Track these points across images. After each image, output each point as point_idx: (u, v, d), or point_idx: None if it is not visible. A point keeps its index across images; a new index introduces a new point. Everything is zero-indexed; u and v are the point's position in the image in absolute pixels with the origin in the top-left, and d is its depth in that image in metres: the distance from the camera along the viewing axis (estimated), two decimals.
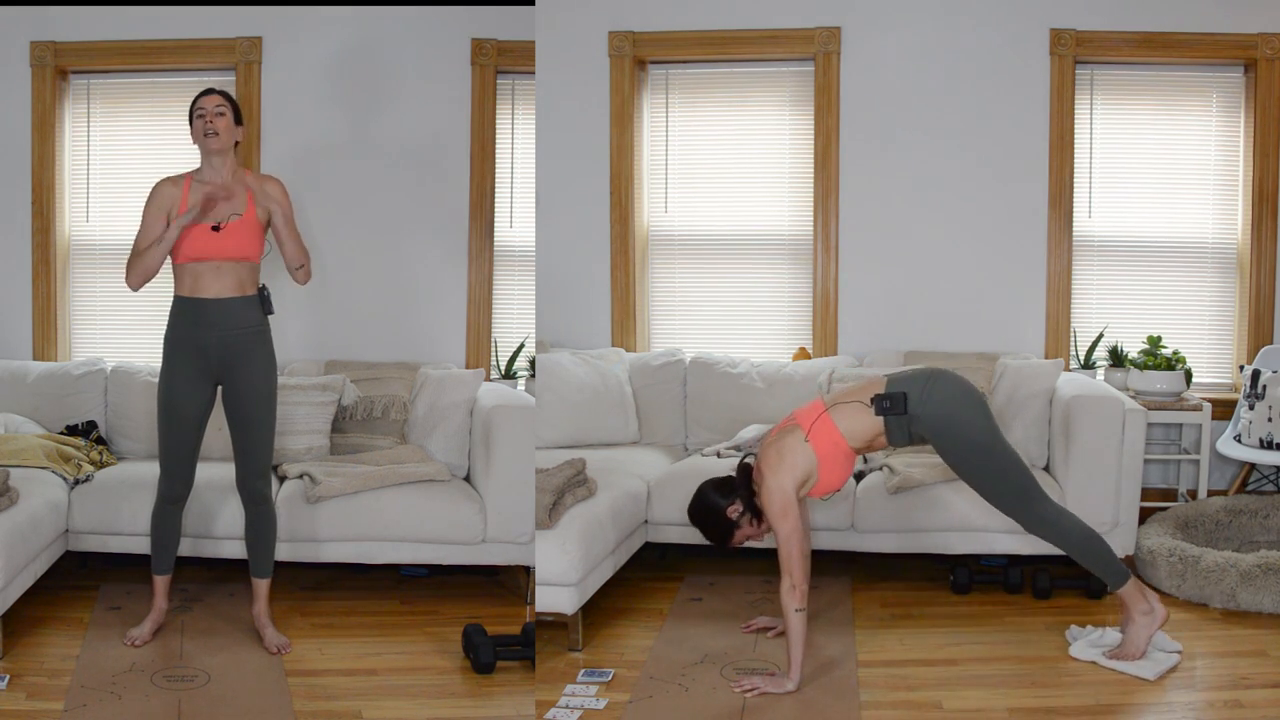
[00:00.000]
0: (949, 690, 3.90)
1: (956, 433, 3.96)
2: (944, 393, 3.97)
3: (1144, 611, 4.07)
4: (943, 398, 3.95)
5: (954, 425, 3.95)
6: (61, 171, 5.85)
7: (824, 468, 3.99)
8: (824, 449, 3.98)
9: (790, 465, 3.95)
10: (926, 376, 4.01)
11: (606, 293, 6.19)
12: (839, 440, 3.99)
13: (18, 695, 3.81)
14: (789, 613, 3.89)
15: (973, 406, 3.99)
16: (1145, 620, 4.06)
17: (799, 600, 3.88)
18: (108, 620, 4.52)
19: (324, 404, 5.26)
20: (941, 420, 3.95)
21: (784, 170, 6.15)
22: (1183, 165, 5.97)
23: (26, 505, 4.41)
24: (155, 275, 4.17)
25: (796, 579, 3.88)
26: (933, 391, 3.96)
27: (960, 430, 3.96)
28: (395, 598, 4.92)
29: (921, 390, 3.96)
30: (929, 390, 3.96)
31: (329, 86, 5.81)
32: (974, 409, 3.99)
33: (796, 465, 3.95)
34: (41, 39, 5.74)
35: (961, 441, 3.97)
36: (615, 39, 6.07)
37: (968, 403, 3.99)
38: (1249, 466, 5.66)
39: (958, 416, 3.95)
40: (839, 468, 4.02)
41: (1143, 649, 4.05)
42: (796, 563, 3.89)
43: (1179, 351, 5.79)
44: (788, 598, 3.88)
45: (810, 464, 3.97)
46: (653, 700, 3.86)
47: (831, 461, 3.99)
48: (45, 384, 5.43)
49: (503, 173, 6.02)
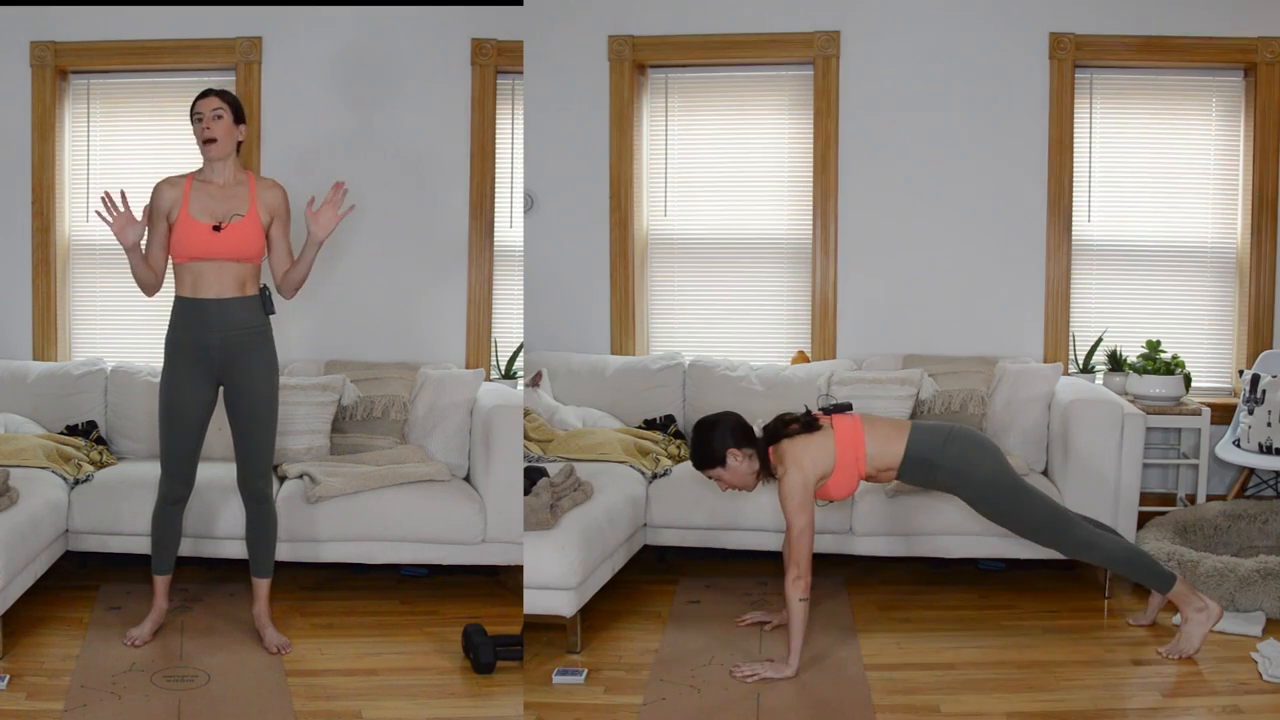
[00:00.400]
0: (947, 694, 3.91)
1: (982, 482, 4.17)
2: (960, 450, 4.16)
3: (1197, 609, 4.17)
4: (959, 453, 4.15)
5: (978, 476, 4.16)
6: (61, 171, 5.85)
7: (836, 476, 4.15)
8: (845, 458, 4.13)
9: (813, 462, 4.10)
10: (945, 435, 4.20)
11: (606, 296, 6.19)
12: (860, 457, 4.15)
13: (18, 695, 3.81)
14: (793, 602, 4.01)
15: (988, 458, 4.19)
16: (1200, 618, 4.17)
17: (803, 590, 4.01)
18: (108, 620, 4.52)
19: (324, 404, 5.27)
20: (961, 476, 4.16)
21: (783, 174, 6.16)
22: (1182, 169, 5.98)
23: (26, 505, 4.41)
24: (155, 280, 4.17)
25: (803, 570, 4.01)
26: (949, 451, 4.15)
27: (985, 480, 4.16)
28: (395, 598, 4.93)
29: (941, 447, 4.16)
30: (946, 449, 4.15)
31: (329, 86, 5.82)
32: (990, 460, 4.19)
33: (818, 463, 4.11)
34: (41, 39, 5.74)
35: (989, 490, 4.17)
36: (615, 43, 6.07)
37: (984, 454, 4.19)
38: (1248, 471, 5.67)
39: (979, 468, 4.16)
40: (849, 481, 4.19)
41: (1197, 646, 4.16)
42: (805, 556, 4.02)
43: (1178, 356, 5.79)
44: (793, 588, 4.01)
45: (828, 466, 4.12)
46: (665, 702, 3.87)
47: (844, 473, 4.16)
48: (45, 384, 5.43)
49: (503, 173, 6.02)
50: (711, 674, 4.08)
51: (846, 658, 4.21)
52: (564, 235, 6.19)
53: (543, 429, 5.38)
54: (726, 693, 3.93)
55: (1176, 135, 5.97)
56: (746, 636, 4.45)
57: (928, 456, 4.15)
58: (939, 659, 4.22)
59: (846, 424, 4.19)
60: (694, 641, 4.39)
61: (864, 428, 4.19)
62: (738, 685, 3.98)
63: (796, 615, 4.02)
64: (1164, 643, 4.26)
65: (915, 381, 5.43)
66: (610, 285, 6.19)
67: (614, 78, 6.10)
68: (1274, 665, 4.00)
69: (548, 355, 5.99)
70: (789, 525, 4.05)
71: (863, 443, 4.15)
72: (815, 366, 5.78)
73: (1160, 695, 3.89)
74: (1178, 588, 4.18)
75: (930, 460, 4.15)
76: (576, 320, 6.22)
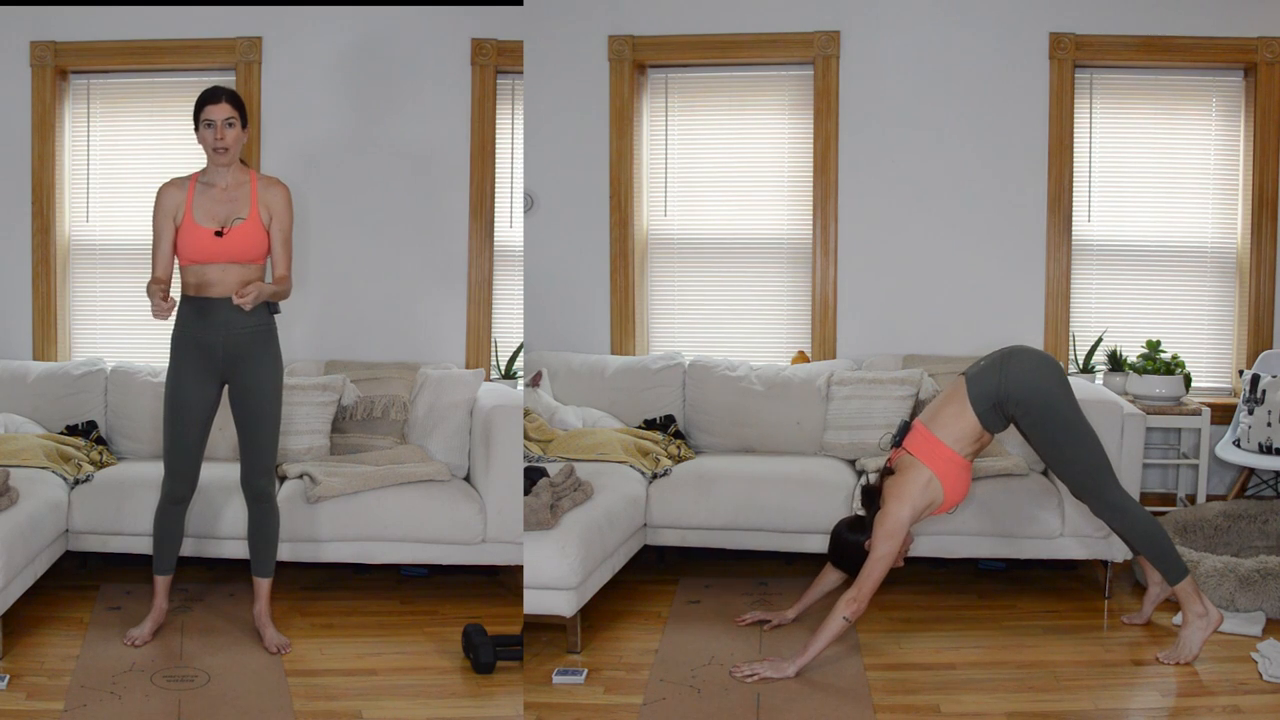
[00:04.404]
0: (947, 694, 3.91)
1: (1042, 403, 4.07)
2: (1021, 366, 4.07)
3: (1199, 614, 4.12)
4: (1020, 371, 4.06)
5: (1038, 396, 4.06)
6: (61, 171, 5.85)
7: (947, 486, 4.09)
8: (941, 468, 4.08)
9: (911, 495, 4.06)
10: (1002, 356, 4.13)
11: (606, 296, 6.20)
12: (951, 456, 4.09)
13: (18, 695, 3.81)
14: (836, 616, 4.03)
15: (1052, 376, 4.10)
16: (1200, 623, 4.12)
17: (852, 613, 4.02)
18: (108, 620, 4.52)
19: (324, 404, 5.27)
20: (1025, 393, 4.06)
21: (783, 174, 6.16)
22: (1182, 169, 5.98)
23: (26, 505, 4.41)
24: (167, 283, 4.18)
25: (863, 594, 4.02)
26: (1009, 368, 4.07)
27: (1045, 400, 4.07)
28: (395, 598, 4.93)
29: (999, 371, 4.07)
30: (1005, 368, 4.07)
31: (329, 86, 5.82)
32: (1053, 379, 4.10)
33: (917, 495, 4.06)
34: (41, 39, 5.74)
35: (1048, 413, 4.08)
36: (615, 43, 6.07)
37: (1047, 372, 4.10)
38: (1248, 471, 5.67)
39: (1040, 387, 4.07)
40: (961, 481, 4.13)
41: (1196, 651, 4.11)
42: (873, 582, 4.03)
43: (1178, 356, 5.80)
44: (845, 605, 4.02)
45: (935, 492, 4.08)
46: (665, 703, 3.87)
47: (953, 479, 4.10)
48: (45, 384, 5.43)
49: (503, 173, 6.02)
50: (711, 674, 4.08)
51: (846, 658, 4.21)
52: (564, 235, 6.19)
53: (543, 429, 5.38)
54: (726, 693, 3.93)
55: (1176, 135, 5.97)
56: (746, 636, 4.45)
57: (994, 399, 4.05)
58: (939, 659, 4.22)
59: (916, 439, 4.11)
60: (694, 641, 4.39)
61: (931, 430, 4.10)
62: (738, 685, 3.98)
63: (831, 628, 4.01)
64: (1162, 645, 4.25)
65: (915, 381, 5.44)
66: (610, 285, 6.19)
67: (614, 77, 6.10)
68: (1274, 665, 4.00)
69: (548, 355, 5.99)
70: (873, 548, 4.04)
71: (940, 443, 4.07)
72: (815, 366, 5.78)
73: (1160, 695, 3.89)
74: (1186, 583, 4.11)
75: (997, 400, 4.04)
76: (576, 320, 6.23)
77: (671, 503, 4.99)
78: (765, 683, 3.98)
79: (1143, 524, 4.15)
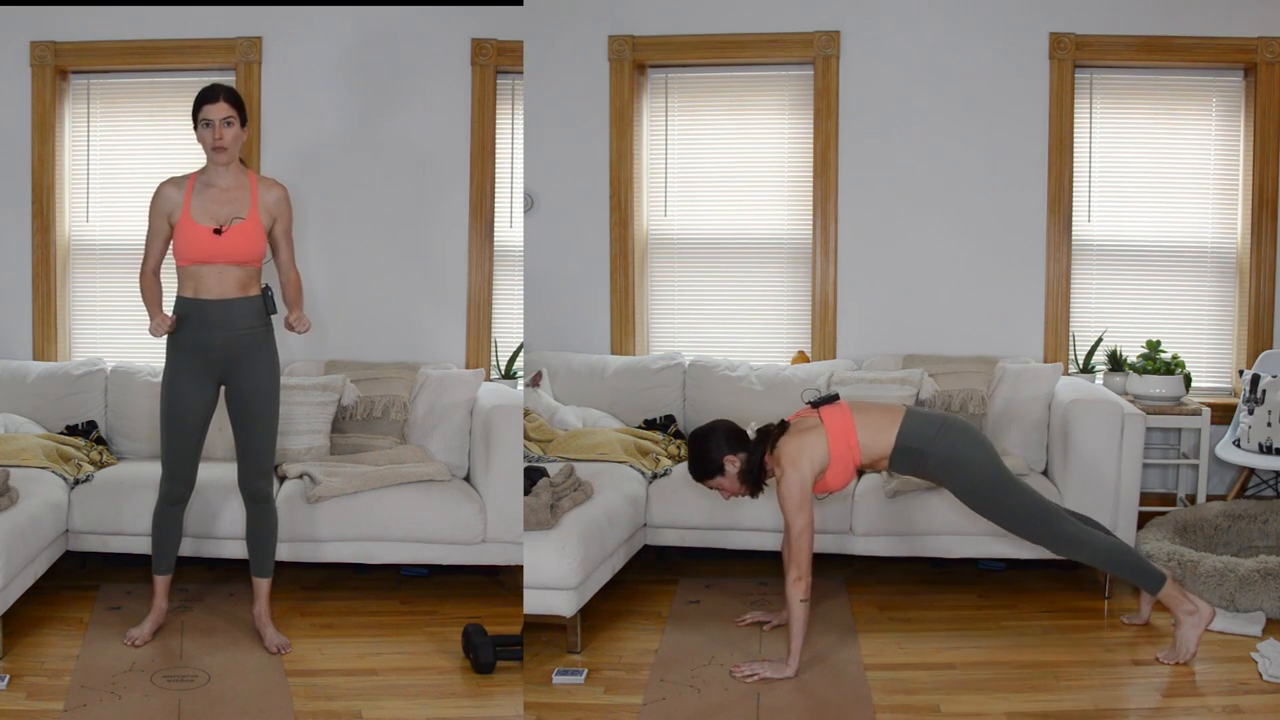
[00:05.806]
0: (947, 694, 3.91)
1: (966, 467, 4.09)
2: (952, 437, 4.10)
3: (1188, 612, 4.13)
4: (951, 440, 4.10)
5: (963, 461, 4.09)
6: (61, 171, 5.85)
7: (833, 468, 4.10)
8: (838, 450, 4.08)
9: (809, 460, 4.06)
10: (942, 420, 4.16)
11: (606, 296, 6.19)
12: (854, 447, 4.10)
13: (18, 695, 3.81)
14: (794, 603, 3.99)
15: (981, 450, 4.13)
16: (1191, 621, 4.12)
17: (804, 591, 3.99)
18: (108, 620, 4.52)
19: (324, 404, 5.27)
20: (948, 456, 4.09)
21: (783, 174, 6.16)
22: (1182, 169, 5.98)
23: (26, 505, 4.42)
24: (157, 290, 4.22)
25: (804, 570, 3.99)
26: (944, 433, 4.10)
27: (970, 465, 4.09)
28: (395, 598, 4.93)
29: (935, 430, 4.11)
30: (943, 430, 4.11)
31: (329, 86, 5.82)
32: (983, 452, 4.12)
33: (814, 461, 4.06)
34: (41, 39, 5.74)
35: (976, 475, 4.10)
36: (615, 43, 6.07)
37: (977, 444, 4.13)
38: (1248, 471, 5.67)
39: (967, 454, 4.09)
40: (845, 472, 4.13)
41: (1194, 650, 4.12)
42: (806, 556, 4.00)
43: (1178, 356, 5.79)
44: (794, 589, 3.99)
45: (824, 461, 4.08)
46: (665, 702, 3.87)
47: (840, 464, 4.10)
48: (45, 384, 5.43)
49: (503, 173, 6.02)
50: (711, 674, 4.08)
51: (846, 658, 4.21)
52: (564, 235, 6.19)
53: (543, 429, 5.38)
54: (726, 693, 3.93)
55: (1176, 135, 5.97)
56: (746, 636, 4.45)
57: (918, 445, 4.09)
58: (939, 659, 4.22)
59: (835, 414, 4.13)
60: (694, 641, 4.39)
61: (854, 417, 4.13)
62: (738, 685, 3.98)
63: (797, 616, 4.01)
64: (1161, 645, 4.26)
65: (915, 381, 5.43)
66: (610, 285, 6.19)
67: (614, 77, 6.10)
68: (1274, 665, 4.00)
69: (548, 355, 5.99)
70: (788, 526, 4.02)
71: (854, 431, 4.10)
72: (815, 366, 5.78)
73: (1160, 695, 3.89)
74: (1167, 589, 4.12)
75: (920, 449, 4.09)
76: (576, 320, 6.22)
77: (671, 503, 4.99)
78: (765, 683, 3.99)
79: (1105, 549, 4.19)
